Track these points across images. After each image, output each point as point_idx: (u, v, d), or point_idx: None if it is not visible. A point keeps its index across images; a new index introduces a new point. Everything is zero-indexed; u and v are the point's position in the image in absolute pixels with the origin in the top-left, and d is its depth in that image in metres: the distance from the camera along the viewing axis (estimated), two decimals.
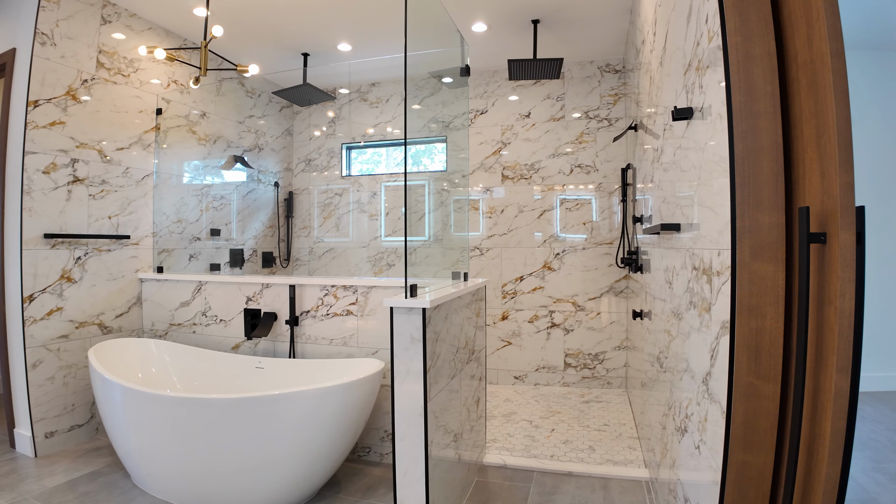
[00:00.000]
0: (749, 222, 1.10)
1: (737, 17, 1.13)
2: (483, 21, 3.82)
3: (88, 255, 3.32)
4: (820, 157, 0.97)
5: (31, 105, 2.99)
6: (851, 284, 0.89)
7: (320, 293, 3.05)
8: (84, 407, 3.30)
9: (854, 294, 0.89)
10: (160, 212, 3.84)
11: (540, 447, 3.13)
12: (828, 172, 0.94)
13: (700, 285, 1.42)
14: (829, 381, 0.93)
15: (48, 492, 2.60)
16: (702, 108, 1.40)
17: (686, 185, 1.64)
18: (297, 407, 2.26)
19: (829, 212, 0.94)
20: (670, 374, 1.94)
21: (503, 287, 4.72)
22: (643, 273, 2.98)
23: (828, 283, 0.94)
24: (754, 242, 1.10)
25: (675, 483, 1.80)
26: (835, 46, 0.90)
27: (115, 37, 3.49)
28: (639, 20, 3.09)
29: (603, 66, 4.53)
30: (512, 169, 4.73)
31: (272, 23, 3.91)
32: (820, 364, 0.96)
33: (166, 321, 3.59)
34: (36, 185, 3.02)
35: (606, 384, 4.45)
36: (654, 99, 2.42)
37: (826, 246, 0.95)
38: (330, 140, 5.36)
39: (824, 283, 0.96)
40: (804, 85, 1.02)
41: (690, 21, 1.54)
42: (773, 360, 1.08)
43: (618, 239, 4.40)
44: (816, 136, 0.98)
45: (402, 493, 2.00)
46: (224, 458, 2.29)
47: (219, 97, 4.58)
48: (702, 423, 1.40)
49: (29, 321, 3.00)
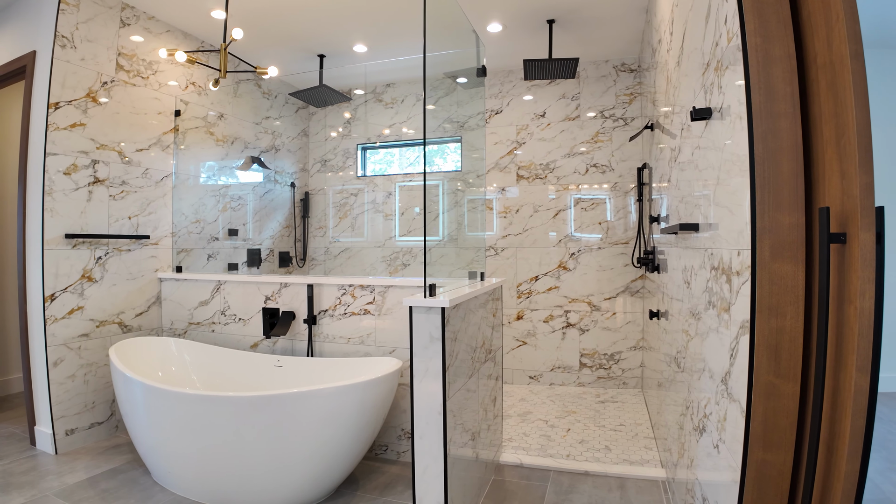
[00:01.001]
0: (769, 222, 1.11)
1: (756, 19, 1.14)
2: (498, 21, 3.83)
3: (109, 254, 3.37)
4: (840, 158, 0.97)
5: (51, 107, 3.04)
6: (871, 284, 0.90)
7: (338, 292, 3.09)
8: (104, 405, 3.35)
9: (874, 293, 0.90)
10: (179, 212, 3.90)
11: (556, 447, 3.14)
12: (848, 173, 0.94)
13: (719, 285, 1.43)
14: (848, 380, 0.93)
15: (69, 488, 2.63)
16: (721, 108, 1.41)
17: (705, 185, 1.64)
18: (316, 405, 2.29)
19: (848, 212, 0.94)
20: (688, 374, 1.94)
21: (518, 287, 4.72)
22: (660, 273, 2.98)
23: (848, 282, 0.95)
24: (774, 242, 1.10)
25: (693, 483, 1.80)
26: (854, 48, 0.91)
27: (133, 39, 3.54)
28: (655, 20, 3.09)
29: (618, 66, 4.52)
30: (527, 168, 4.73)
31: (289, 25, 3.95)
32: (840, 363, 0.97)
33: (185, 320, 3.64)
34: (57, 186, 3.07)
35: (622, 384, 4.44)
36: (671, 98, 2.42)
37: (846, 246, 0.96)
38: (345, 141, 5.40)
39: (844, 282, 0.96)
40: (824, 86, 1.02)
41: (709, 21, 1.54)
42: (793, 359, 1.09)
43: (633, 239, 4.39)
44: (836, 137, 0.98)
45: (420, 490, 2.02)
46: (244, 455, 2.32)
47: (236, 98, 4.64)
48: (721, 422, 1.40)
49: (50, 320, 3.04)
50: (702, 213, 1.69)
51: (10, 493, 2.54)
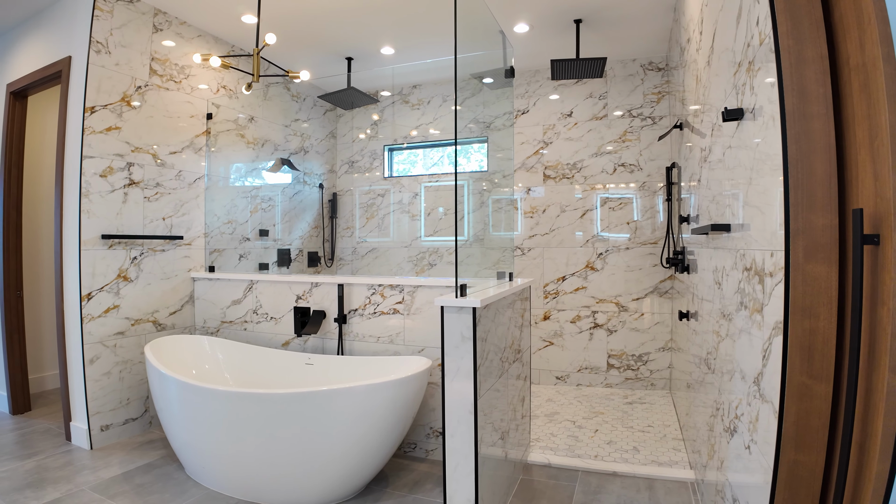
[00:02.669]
0: (803, 224, 1.11)
1: (789, 21, 1.14)
2: (525, 22, 3.84)
3: (144, 255, 3.46)
4: (873, 160, 0.98)
5: (87, 111, 3.12)
6: None
7: (367, 292, 3.14)
8: (138, 401, 3.43)
9: None
10: (211, 213, 3.99)
11: (584, 447, 3.15)
12: (881, 174, 0.95)
13: (752, 286, 1.43)
14: (881, 381, 0.93)
15: (104, 483, 2.68)
16: (753, 109, 1.41)
17: (736, 186, 1.64)
18: (348, 402, 2.33)
19: (882, 213, 0.95)
20: (718, 375, 1.94)
21: (545, 287, 4.72)
22: (689, 273, 2.96)
23: (881, 283, 0.95)
24: (808, 244, 1.11)
25: (724, 484, 1.80)
26: (885, 51, 0.91)
27: (165, 44, 3.62)
28: (683, 18, 3.07)
29: (646, 64, 4.49)
30: (554, 168, 4.73)
31: (317, 28, 4.01)
32: (872, 364, 0.97)
33: (218, 319, 3.73)
34: (93, 188, 3.16)
35: (650, 385, 4.41)
36: (701, 98, 2.41)
37: (879, 248, 0.96)
38: (372, 142, 5.46)
39: (877, 284, 0.96)
40: (856, 88, 1.02)
41: (740, 22, 1.54)
42: (826, 360, 1.09)
43: (661, 239, 4.35)
44: (870, 139, 0.98)
45: (451, 488, 2.05)
46: (276, 451, 2.36)
47: (266, 101, 4.73)
48: (752, 423, 1.40)
49: (87, 318, 3.13)
50: (733, 214, 1.69)
51: (46, 487, 2.61)
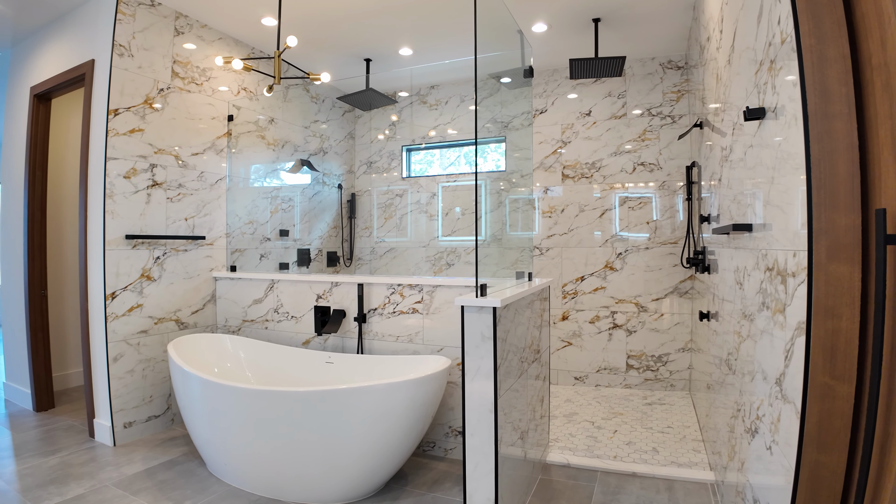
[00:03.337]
0: (826, 224, 1.11)
1: (810, 20, 1.13)
2: (544, 21, 3.84)
3: (166, 254, 3.52)
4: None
5: (111, 113, 3.17)
6: None
7: (387, 291, 3.16)
8: (161, 398, 3.49)
9: None
10: (233, 213, 4.05)
11: (603, 447, 3.14)
12: None
13: (774, 286, 1.42)
14: None
15: (127, 479, 2.73)
16: (775, 108, 1.40)
17: (758, 186, 1.63)
18: (368, 401, 2.35)
19: None
20: (739, 376, 1.92)
21: (563, 287, 4.71)
22: (710, 274, 2.94)
23: None
24: (831, 244, 1.10)
25: (744, 485, 1.79)
26: None
27: (186, 47, 3.68)
28: (703, 17, 3.04)
29: (665, 63, 4.46)
30: (572, 168, 4.72)
31: (336, 30, 4.05)
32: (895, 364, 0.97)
33: (239, 317, 3.78)
34: (117, 189, 3.22)
35: (669, 386, 4.38)
36: (721, 96, 2.39)
37: None
38: (390, 143, 5.49)
39: None
40: (879, 87, 1.02)
41: (761, 21, 1.53)
42: (849, 360, 1.08)
43: (682, 238, 4.32)
44: (892, 139, 0.98)
45: (471, 486, 2.06)
46: (298, 448, 2.40)
47: (286, 103, 4.78)
48: (774, 423, 1.40)
49: (111, 317, 3.19)
50: (755, 214, 1.68)
51: (70, 483, 2.66)
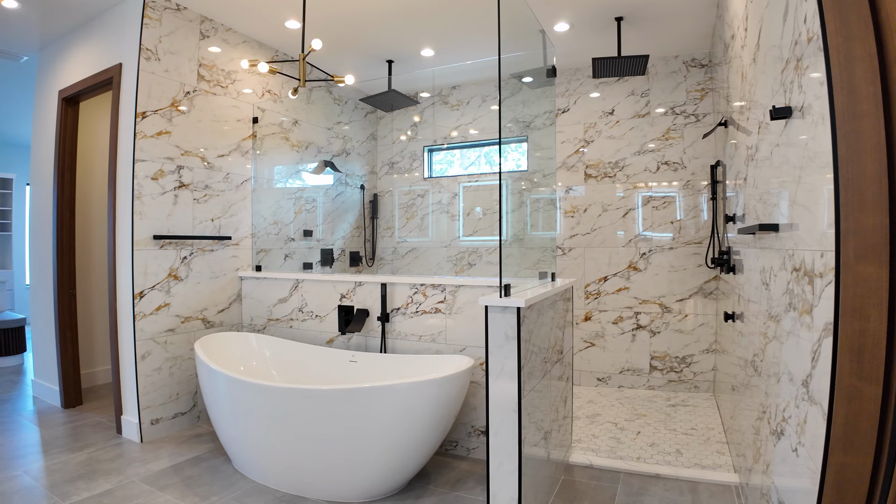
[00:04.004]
0: (853, 224, 1.09)
1: (837, 19, 1.12)
2: (566, 21, 3.83)
3: (193, 254, 3.59)
4: None
5: (139, 116, 3.24)
6: None
7: (410, 291, 3.19)
8: (187, 396, 3.56)
9: None
10: (258, 214, 4.11)
11: (626, 449, 3.12)
12: None
13: (801, 287, 1.41)
14: None
15: (154, 475, 2.78)
16: (801, 107, 1.39)
17: (784, 186, 1.62)
18: (392, 399, 2.38)
19: None
20: (765, 378, 1.90)
21: (586, 287, 4.69)
22: (735, 274, 2.90)
23: None
24: (859, 244, 1.09)
25: (769, 487, 1.77)
26: None
27: (211, 50, 3.74)
28: (727, 14, 3.01)
29: (688, 61, 4.42)
30: (595, 167, 4.69)
31: (358, 32, 4.09)
32: None
33: (264, 316, 3.84)
34: (145, 191, 3.29)
35: (693, 388, 4.33)
36: (747, 95, 2.36)
37: None
38: (412, 143, 5.52)
39: None
40: None
41: (787, 20, 1.52)
42: (876, 361, 1.07)
43: (706, 238, 4.27)
44: None
45: (494, 485, 2.07)
46: (321, 446, 2.43)
47: (309, 105, 4.84)
48: (800, 425, 1.38)
49: (139, 316, 3.26)
50: (781, 214, 1.66)
51: (98, 479, 2.72)
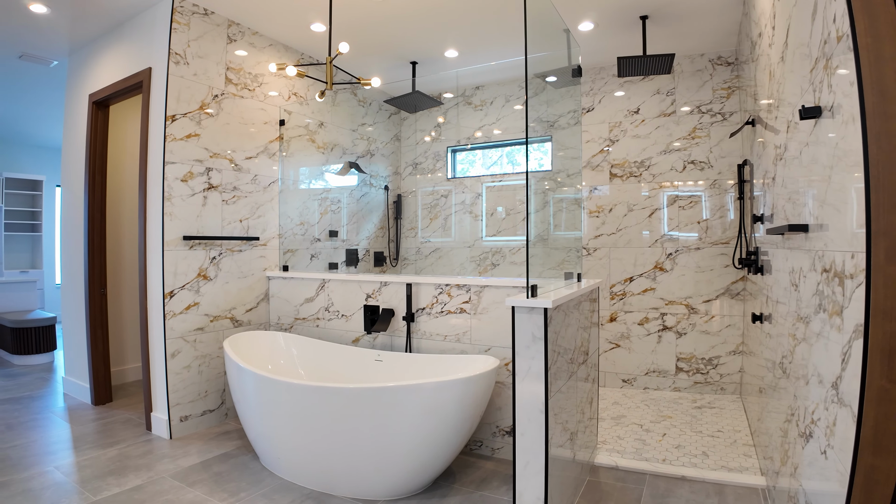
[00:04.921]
0: (884, 225, 1.09)
1: (866, 19, 1.11)
2: (590, 20, 3.82)
3: (222, 255, 3.66)
4: None
5: (168, 119, 3.32)
6: None
7: (435, 291, 3.21)
8: (216, 393, 3.63)
9: None
10: (285, 215, 4.18)
11: (651, 451, 3.11)
12: None
13: (831, 288, 1.40)
14: None
15: (183, 471, 2.84)
16: (831, 107, 1.38)
17: (813, 185, 1.60)
18: (418, 398, 2.40)
19: None
20: (794, 380, 1.88)
21: (611, 288, 4.67)
22: (763, 275, 2.87)
23: None
24: (890, 245, 1.08)
25: (797, 490, 1.75)
26: None
27: (238, 54, 3.81)
28: (754, 12, 2.97)
29: (714, 59, 4.36)
30: (620, 167, 4.67)
31: (383, 34, 4.13)
32: None
33: (291, 316, 3.90)
34: (175, 192, 3.37)
35: (720, 390, 4.28)
36: (774, 94, 2.34)
37: None
38: (435, 144, 5.55)
39: None
40: None
41: (815, 19, 1.50)
42: None
43: (733, 238, 4.22)
44: None
45: (521, 485, 2.08)
46: (347, 444, 2.46)
47: (334, 107, 4.90)
48: (829, 427, 1.37)
49: (169, 315, 3.33)
50: (811, 214, 1.65)
51: (128, 474, 2.79)
